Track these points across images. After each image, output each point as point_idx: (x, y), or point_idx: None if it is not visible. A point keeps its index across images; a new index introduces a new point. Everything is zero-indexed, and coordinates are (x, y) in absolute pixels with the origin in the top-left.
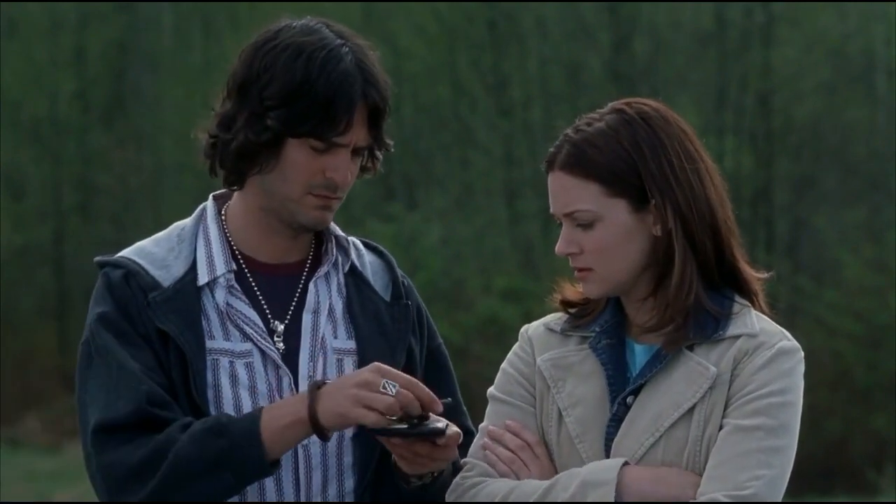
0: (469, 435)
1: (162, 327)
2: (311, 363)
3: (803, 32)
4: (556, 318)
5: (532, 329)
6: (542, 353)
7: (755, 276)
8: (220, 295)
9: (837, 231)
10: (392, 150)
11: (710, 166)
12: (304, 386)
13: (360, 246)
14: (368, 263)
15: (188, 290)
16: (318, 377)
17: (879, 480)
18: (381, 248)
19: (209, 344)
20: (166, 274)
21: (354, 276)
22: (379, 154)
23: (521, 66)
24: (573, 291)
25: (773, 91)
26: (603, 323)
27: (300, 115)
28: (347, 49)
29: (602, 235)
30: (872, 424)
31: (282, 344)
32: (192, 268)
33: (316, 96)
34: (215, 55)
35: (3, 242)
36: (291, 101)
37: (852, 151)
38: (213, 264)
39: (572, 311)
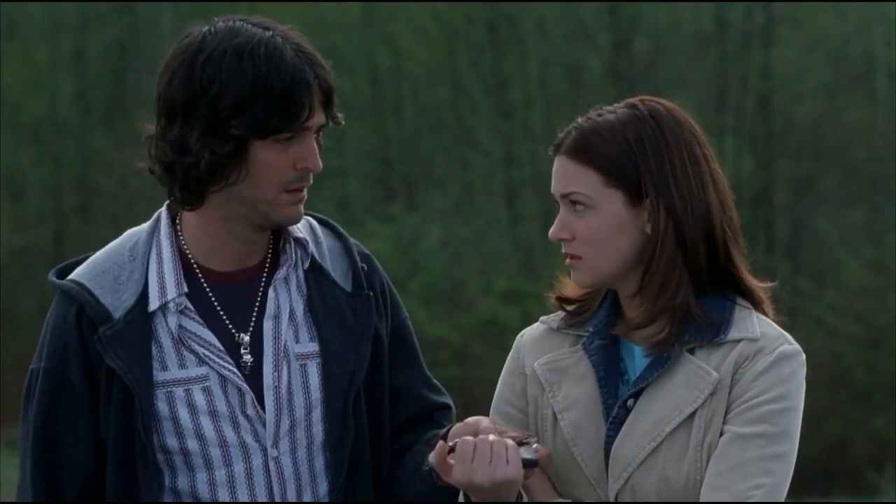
0: (446, 409)
1: (110, 364)
2: (276, 373)
3: (803, 33)
4: (554, 315)
5: (527, 334)
6: (536, 356)
7: (759, 286)
8: (173, 320)
9: (837, 232)
10: (342, 123)
11: (717, 173)
12: (269, 397)
13: (318, 230)
14: (327, 250)
15: (138, 320)
16: (283, 387)
17: (879, 481)
18: (339, 228)
19: (163, 376)
20: (117, 302)
21: (314, 271)
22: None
23: (522, 68)
24: (571, 288)
25: (773, 92)
26: (597, 323)
27: (263, 115)
28: (280, 38)
29: (594, 223)
30: (872, 425)
31: (249, 356)
32: (144, 292)
33: (273, 92)
34: None
35: (4, 243)
36: (250, 104)
37: (852, 153)
38: (165, 288)
39: (569, 308)
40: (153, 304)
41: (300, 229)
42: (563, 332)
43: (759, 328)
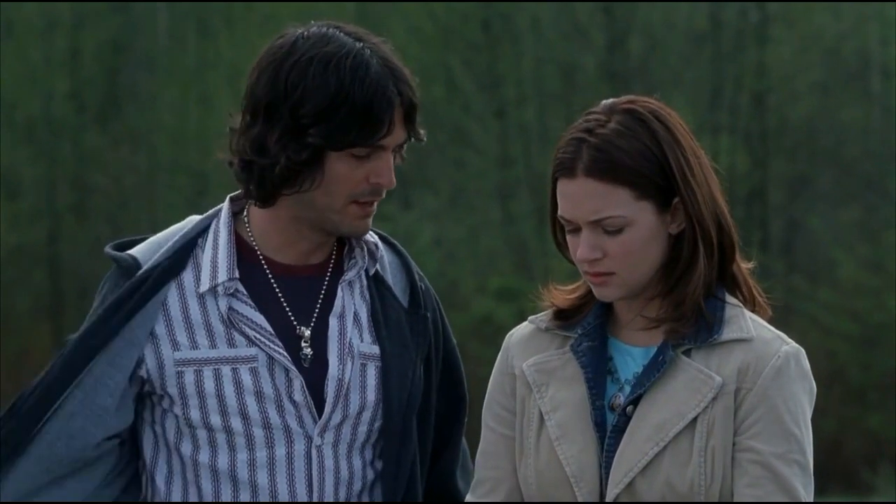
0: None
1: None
2: (341, 365)
3: (798, 32)
4: (543, 314)
5: (515, 334)
6: (525, 357)
7: (748, 269)
8: (223, 302)
9: (832, 231)
10: (424, 140)
11: (708, 163)
12: (331, 387)
13: (379, 244)
14: (388, 264)
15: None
16: (345, 381)
17: (874, 480)
18: (398, 245)
19: (211, 353)
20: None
21: (377, 282)
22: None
23: (516, 66)
24: (562, 298)
25: (768, 91)
26: (585, 325)
27: (341, 127)
28: (369, 51)
29: (629, 239)
30: (867, 424)
31: (310, 349)
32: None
33: (354, 105)
34: (210, 55)
35: (1, 243)
36: (330, 114)
37: (847, 151)
38: (217, 271)
39: (562, 315)
40: (203, 287)
41: (371, 235)
42: (552, 333)
43: (752, 328)
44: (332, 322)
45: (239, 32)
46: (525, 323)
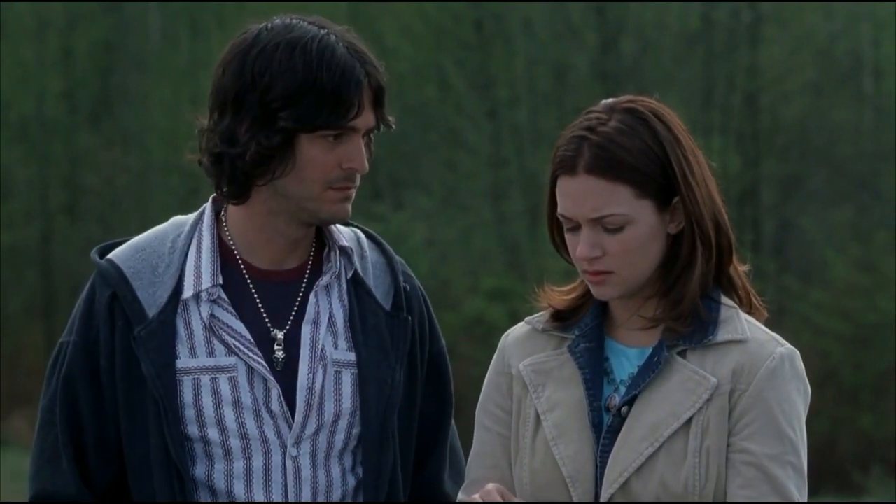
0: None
1: (144, 371)
2: (311, 374)
3: (790, 32)
4: (539, 315)
5: (512, 334)
6: (521, 358)
7: (744, 272)
8: (205, 308)
9: (824, 231)
10: (394, 126)
11: (706, 164)
12: (301, 398)
13: (364, 243)
14: (371, 266)
15: (170, 319)
16: (316, 389)
17: (866, 480)
18: (385, 244)
19: (192, 363)
20: (152, 298)
21: (356, 285)
22: (371, 135)
23: (508, 67)
24: (559, 299)
25: (760, 91)
26: (583, 326)
27: (311, 109)
28: (334, 36)
29: (629, 238)
30: (859, 424)
31: (282, 353)
32: (178, 287)
33: (322, 86)
34: (202, 55)
35: None
36: (299, 96)
37: (839, 151)
38: (200, 277)
39: (559, 316)
40: (187, 293)
41: (346, 238)
42: (548, 333)
43: (747, 329)
44: (305, 329)
45: (231, 32)
46: (521, 323)
